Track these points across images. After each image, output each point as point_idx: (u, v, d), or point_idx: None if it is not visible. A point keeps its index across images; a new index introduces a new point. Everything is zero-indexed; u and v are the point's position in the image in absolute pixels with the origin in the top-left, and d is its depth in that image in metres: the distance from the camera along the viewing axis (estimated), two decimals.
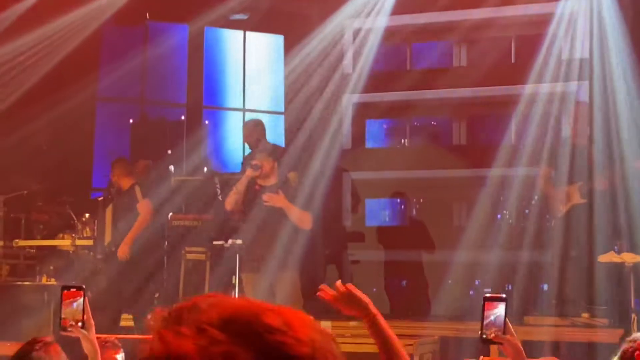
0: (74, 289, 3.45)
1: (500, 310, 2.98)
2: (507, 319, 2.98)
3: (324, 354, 1.01)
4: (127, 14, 10.56)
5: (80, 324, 3.40)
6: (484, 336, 2.98)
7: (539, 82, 9.56)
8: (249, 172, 7.59)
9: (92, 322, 3.46)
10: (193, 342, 0.97)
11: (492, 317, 2.97)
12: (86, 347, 3.50)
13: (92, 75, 11.02)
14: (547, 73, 9.49)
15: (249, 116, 11.24)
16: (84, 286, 3.46)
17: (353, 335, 8.20)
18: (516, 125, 10.24)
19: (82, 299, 3.40)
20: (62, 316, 3.41)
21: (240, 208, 7.74)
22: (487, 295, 3.02)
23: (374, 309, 2.89)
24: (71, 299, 3.42)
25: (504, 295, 3.01)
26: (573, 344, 7.47)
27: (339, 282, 3.03)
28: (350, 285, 2.98)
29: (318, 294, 3.03)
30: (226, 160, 11.60)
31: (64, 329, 3.44)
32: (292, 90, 10.63)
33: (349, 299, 2.95)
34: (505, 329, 2.97)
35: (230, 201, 7.73)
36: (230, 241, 8.15)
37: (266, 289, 7.49)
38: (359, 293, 2.95)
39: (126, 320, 8.66)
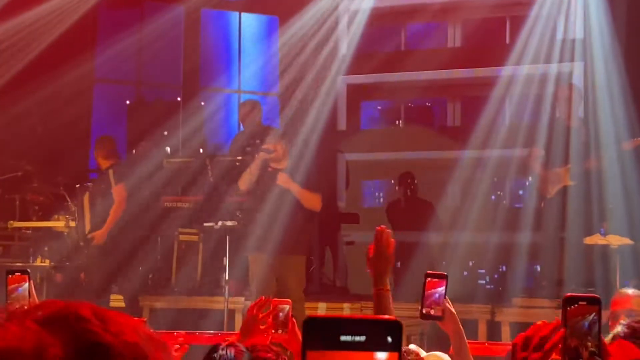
0: (19, 274, 3.43)
1: (441, 287, 3.00)
2: (446, 297, 3.02)
3: (132, 349, 1.02)
4: None
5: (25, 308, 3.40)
6: (424, 311, 3.00)
7: (533, 63, 9.52)
8: (262, 155, 7.69)
9: None
10: (10, 332, 1.01)
11: (435, 295, 2.99)
12: None
13: (88, 55, 11.00)
14: (541, 54, 9.45)
15: (245, 97, 11.23)
16: (28, 270, 3.45)
17: None
18: (510, 106, 10.21)
19: (27, 284, 3.39)
20: (8, 301, 3.40)
21: (254, 187, 7.82)
22: (429, 272, 3.05)
23: (387, 286, 3.18)
24: (16, 284, 3.40)
25: (445, 273, 3.04)
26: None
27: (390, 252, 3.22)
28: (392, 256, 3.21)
29: (378, 228, 3.28)
30: (222, 142, 11.59)
31: None
32: (287, 71, 10.61)
33: (385, 263, 3.20)
34: (444, 306, 3.03)
35: (244, 181, 7.89)
36: (220, 223, 8.19)
37: (271, 270, 7.57)
38: (391, 262, 3.23)
39: (117, 302, 8.70)
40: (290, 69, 10.51)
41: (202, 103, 11.56)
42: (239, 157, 9.07)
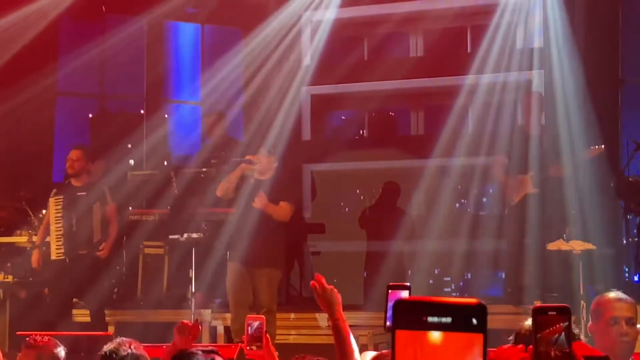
0: None
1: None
2: None
3: None
4: (84, 7, 10.49)
5: None
6: (388, 324, 2.99)
7: (494, 72, 9.63)
8: (244, 166, 7.69)
9: None
10: None
11: None
12: None
13: (50, 68, 10.92)
14: (501, 62, 9.56)
15: (206, 108, 11.21)
16: None
17: (310, 327, 8.27)
18: (472, 114, 10.31)
19: None
20: None
21: (230, 197, 7.82)
22: (391, 284, 3.04)
23: (340, 315, 3.39)
24: None
25: (407, 284, 3.02)
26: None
27: (319, 276, 3.47)
28: (333, 288, 3.42)
29: (312, 282, 3.44)
30: (186, 154, 11.56)
31: None
32: (250, 82, 10.62)
33: (331, 298, 3.40)
34: None
35: (221, 188, 7.89)
36: (185, 235, 8.17)
37: (247, 281, 7.58)
38: (336, 297, 3.40)
39: (82, 316, 8.63)
40: (254, 80, 10.52)
41: (166, 115, 11.53)
42: (204, 169, 9.07)
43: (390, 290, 3.01)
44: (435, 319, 1.03)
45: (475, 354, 1.01)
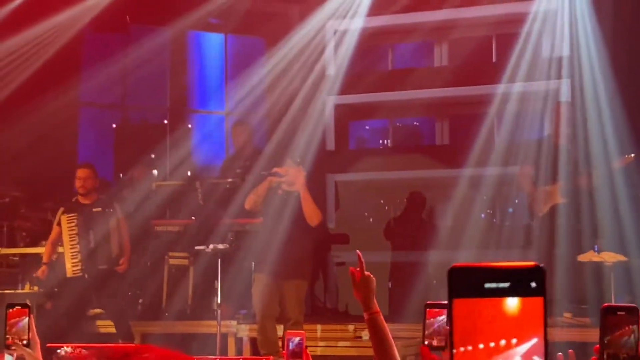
0: (19, 307, 3.41)
1: (442, 316, 2.95)
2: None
3: None
4: (108, 18, 10.52)
5: (25, 342, 3.37)
6: (426, 343, 2.95)
7: (519, 81, 9.56)
8: (271, 178, 7.61)
9: (37, 340, 3.44)
10: None
11: (435, 325, 2.94)
12: None
13: (74, 80, 10.96)
14: (527, 72, 9.50)
15: (231, 119, 11.21)
16: (29, 303, 3.43)
17: (337, 339, 8.22)
18: (498, 124, 10.24)
19: (27, 318, 3.37)
20: (7, 335, 3.37)
21: (259, 209, 7.77)
22: (429, 302, 3.00)
23: (376, 308, 3.19)
24: (16, 318, 3.38)
25: (446, 302, 2.95)
26: (555, 343, 7.46)
27: (367, 273, 3.30)
28: (370, 275, 3.28)
29: (350, 268, 3.32)
30: (209, 164, 11.57)
31: (8, 348, 3.41)
32: (274, 92, 10.61)
33: (369, 285, 3.25)
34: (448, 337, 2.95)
35: (250, 201, 7.79)
36: (211, 246, 8.14)
37: (274, 292, 7.49)
38: (372, 284, 3.27)
39: (108, 327, 8.62)
40: (278, 91, 10.51)
41: (190, 125, 11.54)
42: (229, 180, 9.06)
43: (428, 309, 2.97)
44: (493, 285, 1.02)
45: (536, 317, 1.00)
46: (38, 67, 10.11)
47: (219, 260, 8.15)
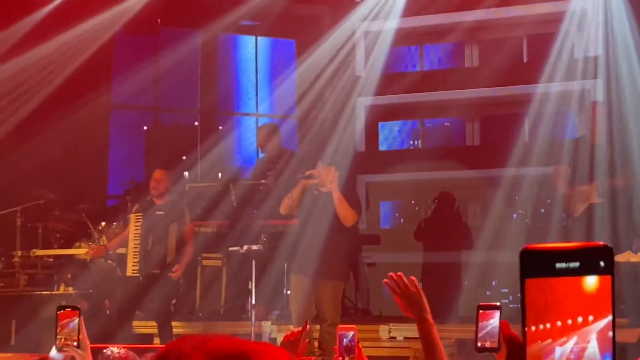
0: (70, 309, 3.47)
1: (494, 319, 2.95)
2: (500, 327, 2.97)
3: None
4: (139, 22, 10.60)
5: (75, 343, 3.42)
6: (479, 345, 2.95)
7: (551, 81, 9.53)
8: (305, 182, 7.62)
9: (88, 342, 3.48)
10: None
11: (488, 327, 2.95)
12: None
13: (106, 83, 11.06)
14: (560, 72, 9.46)
15: (262, 121, 11.25)
16: (79, 306, 3.48)
17: (370, 339, 8.23)
18: (530, 124, 10.21)
19: (77, 319, 3.42)
20: (58, 336, 3.43)
21: (294, 214, 7.77)
22: (481, 304, 2.99)
23: (431, 319, 3.06)
24: (67, 319, 3.44)
25: (498, 304, 2.97)
26: None
27: (413, 278, 3.18)
28: (419, 289, 3.13)
29: (385, 281, 3.17)
30: (241, 166, 11.62)
31: (60, 349, 3.47)
32: (305, 94, 10.65)
33: (414, 299, 3.10)
34: (499, 338, 2.96)
35: (285, 206, 7.79)
36: (245, 247, 8.17)
37: (310, 293, 7.49)
38: (424, 299, 3.10)
39: (147, 328, 8.67)
40: (309, 92, 10.54)
41: (220, 127, 11.60)
42: (262, 181, 9.09)
43: (480, 311, 2.97)
44: (563, 265, 1.05)
45: (604, 294, 1.03)
46: (71, 71, 10.21)
47: (253, 261, 8.19)
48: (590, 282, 1.04)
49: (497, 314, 2.95)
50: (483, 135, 11.16)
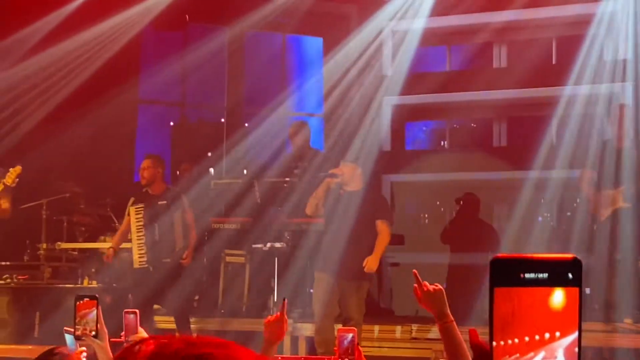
0: (88, 299, 3.49)
1: None
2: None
3: None
4: (167, 18, 10.63)
5: (93, 333, 3.44)
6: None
7: (580, 84, 9.45)
8: (329, 180, 7.62)
9: (106, 331, 3.50)
10: None
11: None
12: (100, 357, 3.53)
13: (133, 78, 11.11)
14: (589, 74, 9.38)
15: (289, 118, 11.25)
16: (97, 296, 3.50)
17: (392, 339, 8.21)
18: (557, 127, 10.13)
19: (95, 309, 3.44)
20: (77, 326, 3.45)
21: (320, 213, 7.76)
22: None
23: (450, 317, 3.19)
24: (85, 310, 3.46)
25: None
26: (616, 349, 7.37)
27: (433, 287, 3.31)
28: (438, 287, 3.28)
29: (415, 271, 3.34)
30: (266, 163, 11.62)
31: (78, 339, 3.48)
32: (332, 92, 10.63)
33: (436, 298, 3.25)
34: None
35: (311, 206, 7.78)
36: (268, 244, 8.18)
37: (335, 292, 7.48)
38: (443, 296, 3.26)
39: (167, 323, 8.70)
40: (335, 90, 10.53)
41: (246, 124, 11.61)
42: (287, 179, 9.09)
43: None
44: (532, 275, 1.06)
45: (571, 307, 1.04)
46: (99, 66, 10.27)
47: (276, 258, 8.19)
48: (558, 298, 1.05)
49: None
50: (510, 137, 11.08)
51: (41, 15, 9.89)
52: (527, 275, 1.05)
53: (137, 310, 3.75)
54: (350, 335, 3.76)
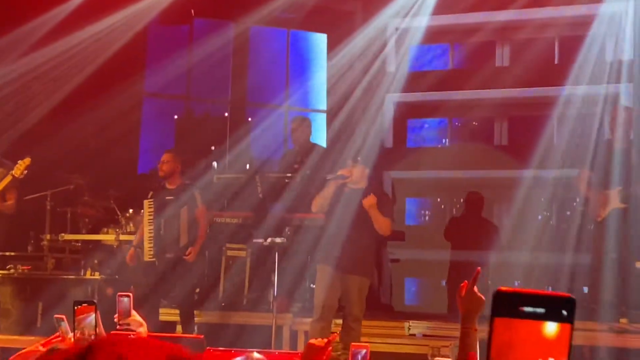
0: (86, 304, 3.56)
1: None
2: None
3: None
4: (173, 12, 10.70)
5: (92, 337, 3.51)
6: None
7: (580, 84, 9.49)
8: (337, 181, 7.67)
9: (105, 335, 3.57)
10: None
11: None
12: None
13: (139, 72, 11.18)
14: (589, 74, 9.42)
15: (292, 114, 11.31)
16: (95, 301, 3.58)
17: (393, 336, 8.28)
18: (557, 126, 10.18)
19: (94, 314, 3.51)
20: (76, 330, 3.52)
21: (325, 211, 7.83)
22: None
23: (475, 326, 3.13)
24: (84, 314, 3.53)
25: None
26: (611, 349, 7.43)
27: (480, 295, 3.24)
28: (484, 300, 3.20)
29: (479, 269, 3.30)
30: (268, 157, 11.69)
31: (77, 342, 3.55)
32: (334, 88, 10.69)
33: (476, 304, 3.16)
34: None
35: (317, 204, 7.82)
36: (269, 239, 8.24)
37: (337, 285, 7.52)
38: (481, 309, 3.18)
39: (170, 316, 8.78)
40: (338, 86, 10.58)
41: (250, 119, 11.67)
42: (289, 174, 9.16)
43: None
44: (530, 309, 1.15)
45: (562, 341, 1.13)
46: (105, 59, 10.33)
47: (276, 253, 8.25)
48: (551, 328, 1.14)
49: None
50: (511, 135, 11.14)
51: (47, 8, 9.96)
52: (525, 309, 1.14)
53: (130, 294, 3.80)
54: (364, 351, 3.73)
